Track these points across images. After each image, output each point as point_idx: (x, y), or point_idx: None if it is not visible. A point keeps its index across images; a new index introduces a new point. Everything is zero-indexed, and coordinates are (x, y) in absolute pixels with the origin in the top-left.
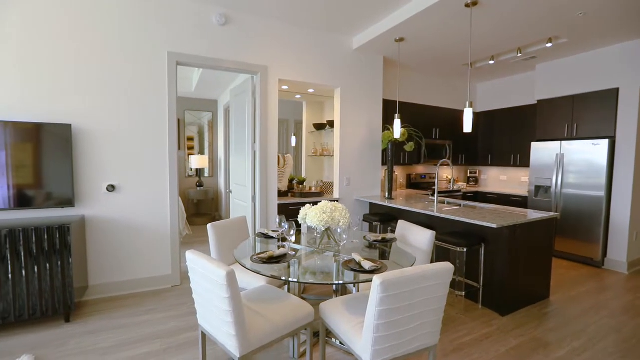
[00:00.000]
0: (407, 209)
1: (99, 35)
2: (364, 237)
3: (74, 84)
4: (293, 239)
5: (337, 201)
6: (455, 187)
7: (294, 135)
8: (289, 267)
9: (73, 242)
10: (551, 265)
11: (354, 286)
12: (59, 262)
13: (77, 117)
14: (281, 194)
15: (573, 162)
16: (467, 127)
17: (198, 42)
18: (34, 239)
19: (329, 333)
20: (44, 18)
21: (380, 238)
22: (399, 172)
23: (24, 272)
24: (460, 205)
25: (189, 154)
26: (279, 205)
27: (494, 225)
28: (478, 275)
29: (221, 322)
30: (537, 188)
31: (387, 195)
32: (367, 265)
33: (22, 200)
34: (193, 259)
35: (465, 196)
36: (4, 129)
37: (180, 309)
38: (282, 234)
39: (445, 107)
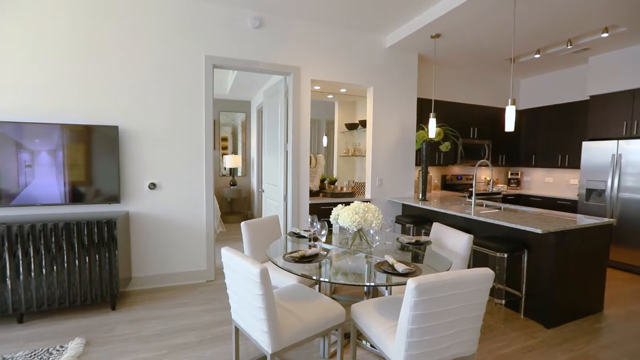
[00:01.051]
0: (442, 211)
1: (142, 43)
2: (397, 239)
3: (120, 88)
4: (324, 239)
5: (369, 202)
6: (494, 189)
7: (326, 135)
8: (320, 266)
9: (119, 236)
10: (605, 276)
11: (386, 289)
12: (107, 254)
13: (122, 119)
14: (312, 193)
15: (632, 163)
16: (509, 126)
17: (233, 45)
18: (85, 231)
19: (360, 335)
20: (95, 33)
21: (413, 240)
22: (434, 173)
23: (76, 262)
24: (500, 209)
25: (223, 154)
26: (310, 204)
27: (539, 231)
28: (520, 283)
29: (254, 318)
30: (589, 191)
31: (420, 197)
32: (400, 267)
33: (75, 196)
34: (228, 255)
35: (506, 199)
36: (60, 131)
37: (214, 303)
38: (313, 233)
39: (484, 104)
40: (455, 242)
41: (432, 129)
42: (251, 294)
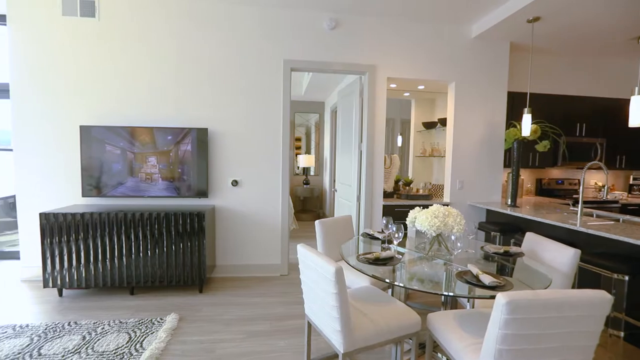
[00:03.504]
0: (538, 219)
1: (227, 51)
2: (482, 247)
3: (209, 94)
4: (399, 242)
5: (448, 205)
6: (609, 196)
7: (400, 134)
8: (394, 270)
9: (206, 227)
10: None
11: (468, 301)
12: (197, 243)
13: (211, 121)
14: (386, 195)
15: None
16: (635, 120)
17: (310, 48)
18: (180, 221)
19: (436, 347)
20: (186, 43)
21: (501, 251)
22: (526, 176)
23: (172, 247)
24: (618, 220)
25: (296, 154)
26: (383, 206)
27: None
28: None
29: (327, 316)
30: None
31: (509, 202)
32: (486, 279)
33: (171, 190)
34: (304, 252)
35: (625, 209)
36: (161, 133)
37: (287, 297)
38: (388, 235)
39: (596, 95)
40: (555, 257)
41: (527, 126)
42: (325, 292)
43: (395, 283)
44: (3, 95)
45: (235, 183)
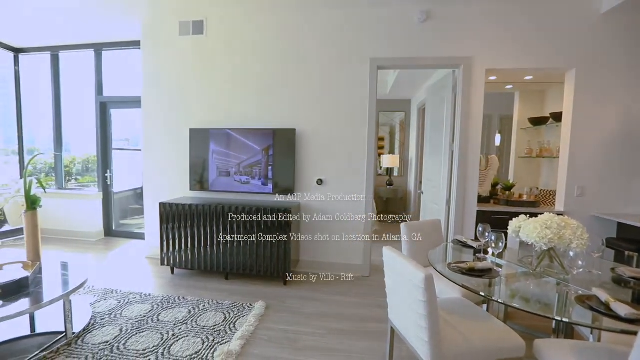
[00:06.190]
0: None
1: (314, 53)
2: (613, 269)
3: (297, 96)
4: (497, 252)
5: (562, 215)
6: None
7: (499, 132)
8: (490, 284)
9: (292, 223)
10: None
11: (592, 332)
12: (283, 237)
13: (298, 122)
14: (481, 199)
15: None
16: None
17: (397, 44)
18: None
19: None
20: (272, 46)
21: None
22: None
23: (262, 240)
24: None
25: (379, 154)
26: (477, 211)
27: None
28: None
29: (414, 324)
30: None
31: None
32: (621, 310)
33: (263, 187)
34: (391, 255)
35: None
36: (256, 134)
37: (368, 299)
38: (485, 245)
39: None
40: None
41: None
42: (413, 299)
43: (494, 298)
44: (137, 105)
45: (320, 182)
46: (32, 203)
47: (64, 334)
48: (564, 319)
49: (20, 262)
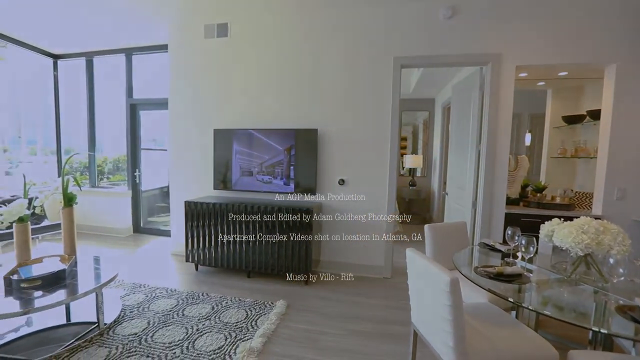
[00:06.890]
0: None
1: (338, 55)
2: None
3: (319, 96)
4: (528, 257)
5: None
6: None
7: (529, 132)
8: (520, 290)
9: (314, 223)
10: None
11: (634, 345)
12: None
13: (320, 122)
14: (510, 201)
15: None
16: None
17: (422, 42)
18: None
19: None
20: (293, 47)
21: None
22: None
23: (284, 239)
24: None
25: (402, 154)
26: (506, 214)
27: None
28: None
29: (438, 328)
30: None
31: None
32: None
33: (284, 187)
34: (414, 257)
35: None
36: (278, 135)
37: (390, 301)
38: (514, 249)
39: None
40: None
41: None
42: (437, 303)
43: (524, 305)
44: (163, 107)
45: (342, 182)
46: (69, 200)
47: (97, 324)
48: (603, 330)
49: (58, 255)
